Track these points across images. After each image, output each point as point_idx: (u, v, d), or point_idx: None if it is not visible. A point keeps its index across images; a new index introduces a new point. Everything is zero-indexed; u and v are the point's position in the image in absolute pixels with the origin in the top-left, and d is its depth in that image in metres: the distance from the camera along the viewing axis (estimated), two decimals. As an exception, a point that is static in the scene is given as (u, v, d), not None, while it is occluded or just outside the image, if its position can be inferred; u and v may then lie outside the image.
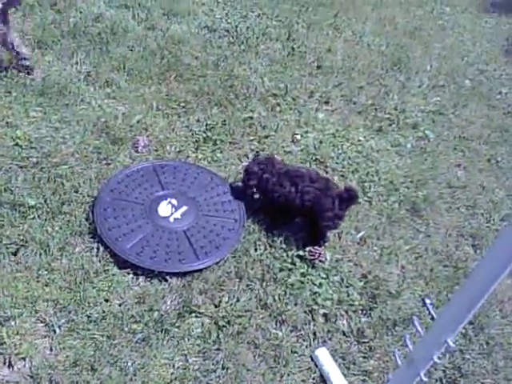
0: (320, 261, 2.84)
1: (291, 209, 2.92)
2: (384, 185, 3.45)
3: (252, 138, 3.56)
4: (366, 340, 2.54)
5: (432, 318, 1.72)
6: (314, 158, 3.53)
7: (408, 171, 3.60)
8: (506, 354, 2.62)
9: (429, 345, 1.75)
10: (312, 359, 2.43)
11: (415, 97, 4.32)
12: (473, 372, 2.51)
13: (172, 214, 2.87)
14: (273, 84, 4.03)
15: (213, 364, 2.33)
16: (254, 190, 3.04)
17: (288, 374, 2.36)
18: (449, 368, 2.50)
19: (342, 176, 3.46)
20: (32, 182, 2.92)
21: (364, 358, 2.48)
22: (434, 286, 2.81)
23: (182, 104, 3.66)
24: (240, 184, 3.12)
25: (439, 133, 4.02)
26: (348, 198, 2.85)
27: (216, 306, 2.55)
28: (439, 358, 1.75)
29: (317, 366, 2.41)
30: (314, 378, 2.38)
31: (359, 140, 3.76)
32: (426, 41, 5.11)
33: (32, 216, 2.75)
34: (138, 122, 3.44)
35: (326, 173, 3.43)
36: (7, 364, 2.20)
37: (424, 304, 1.77)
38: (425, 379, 1.81)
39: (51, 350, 2.27)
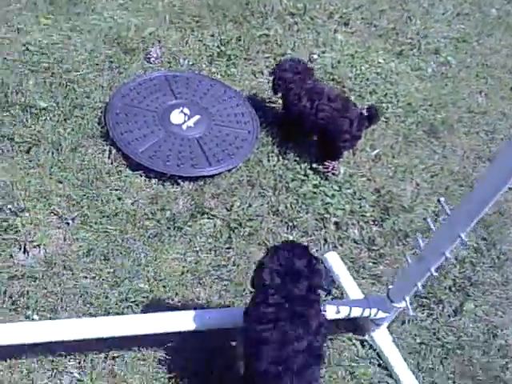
0: (333, 174, 2.81)
1: (306, 125, 2.86)
2: (402, 106, 3.37)
3: (268, 55, 3.47)
4: (376, 248, 2.54)
5: (445, 214, 1.70)
6: (331, 77, 3.44)
7: (427, 95, 3.50)
8: (516, 268, 2.61)
9: (441, 240, 1.75)
10: (322, 262, 2.43)
11: (438, 23, 4.16)
12: (482, 282, 2.51)
13: (185, 122, 2.84)
14: (291, 3, 3.89)
15: (224, 260, 2.35)
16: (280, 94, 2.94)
17: (298, 275, 2.37)
18: (459, 277, 2.50)
19: (360, 96, 3.37)
20: (43, 85, 2.88)
21: (374, 263, 2.48)
22: (448, 204, 2.78)
23: (196, 18, 3.56)
24: (256, 98, 3.07)
25: (461, 59, 3.88)
26: (368, 116, 2.78)
27: (228, 210, 2.55)
28: (450, 255, 1.74)
29: (326, 269, 2.41)
30: (323, 280, 2.38)
31: (379, 62, 3.65)
32: (452, -32, 4.89)
33: (44, 118, 2.73)
34: (150, 34, 3.35)
35: (344, 93, 3.36)
36: (22, 250, 2.23)
37: (439, 202, 1.74)
38: (435, 274, 1.81)
39: (65, 240, 2.29)
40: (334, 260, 2.41)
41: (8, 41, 3.09)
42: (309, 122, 2.82)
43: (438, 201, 1.80)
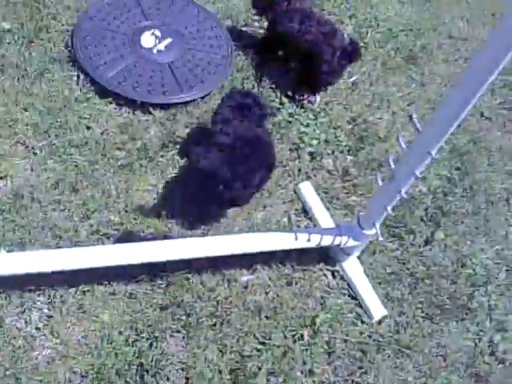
0: (309, 101, 2.75)
1: (289, 47, 2.74)
2: (382, 32, 3.26)
3: (244, -28, 3.28)
4: (350, 178, 2.53)
5: (416, 131, 1.67)
6: (309, -1, 3.29)
7: (408, 19, 3.39)
8: (487, 198, 2.64)
9: (411, 159, 1.73)
10: (295, 192, 2.43)
11: None
12: (454, 212, 2.54)
13: (156, 45, 2.71)
14: None
15: (196, 191, 2.32)
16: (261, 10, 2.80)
17: (271, 205, 2.37)
18: (431, 207, 2.53)
19: (339, 20, 3.25)
20: (7, 5, 2.70)
21: (347, 193, 2.48)
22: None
23: None
24: (228, 21, 2.93)
25: (444, -18, 3.74)
26: (351, 51, 2.64)
27: (201, 139, 2.50)
28: (420, 174, 1.74)
29: (300, 199, 2.42)
30: (296, 210, 2.39)
31: (359, -16, 3.50)
32: None
33: (8, 41, 2.58)
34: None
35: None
36: (-12, 182, 2.17)
37: (410, 118, 1.71)
38: (405, 196, 1.82)
39: (32, 170, 2.23)
40: (307, 190, 2.40)
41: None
42: (293, 43, 2.68)
43: (410, 117, 1.77)
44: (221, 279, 2.10)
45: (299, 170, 2.52)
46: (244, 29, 3.01)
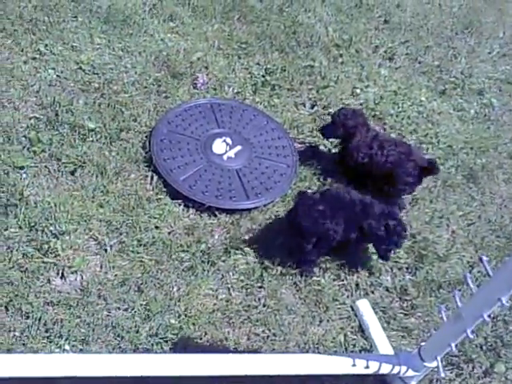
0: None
1: (371, 169, 2.83)
2: (442, 148, 3.35)
3: (311, 86, 3.49)
4: (408, 298, 2.52)
5: (487, 275, 1.68)
6: (372, 113, 3.44)
7: (469, 137, 3.47)
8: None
9: (480, 301, 1.73)
10: (352, 309, 2.43)
11: (484, 63, 4.12)
12: (515, 342, 2.47)
13: (226, 152, 2.87)
14: (337, 35, 3.91)
15: (255, 300, 2.36)
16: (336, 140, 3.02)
17: (327, 320, 2.37)
18: (490, 336, 2.46)
19: (400, 135, 3.37)
20: (93, 106, 2.95)
21: (405, 314, 2.46)
22: (484, 255, 2.74)
23: (244, 45, 3.61)
24: (294, 131, 3.09)
25: (505, 102, 3.84)
26: (429, 169, 2.79)
27: (262, 246, 2.56)
28: (489, 317, 1.72)
29: (356, 316, 2.41)
30: (352, 327, 2.38)
31: (421, 100, 3.64)
32: (502, 7, 4.83)
33: (91, 139, 2.80)
34: (198, 59, 3.41)
35: (384, 130, 3.35)
36: (60, 275, 2.27)
37: (481, 260, 1.72)
38: (471, 336, 1.79)
39: (101, 267, 2.33)
40: (365, 308, 2.40)
41: (62, 58, 3.17)
42: (377, 168, 2.82)
43: (480, 259, 1.78)
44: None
45: (357, 285, 2.53)
46: (308, 139, 3.16)
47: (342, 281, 2.52)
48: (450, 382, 2.26)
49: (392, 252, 2.54)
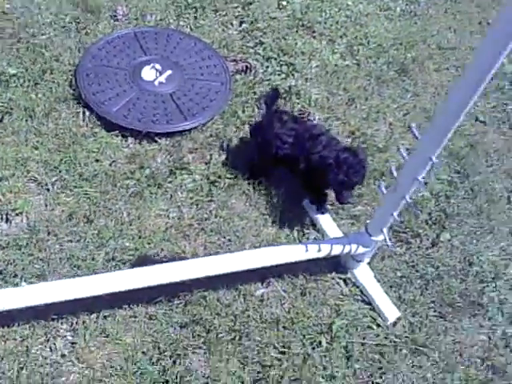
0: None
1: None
2: (373, 48, 3.38)
3: (236, 4, 3.42)
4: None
5: (415, 138, 1.75)
6: (300, 23, 3.42)
7: (397, 34, 3.51)
8: (489, 198, 2.70)
9: (413, 165, 1.80)
10: (303, 207, 2.50)
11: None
12: (457, 213, 2.60)
13: (156, 78, 2.83)
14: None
15: (206, 213, 2.39)
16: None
17: (280, 221, 2.43)
18: (434, 211, 2.59)
19: (330, 40, 3.37)
20: (10, 52, 2.84)
21: (352, 204, 2.54)
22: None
23: (160, -29, 3.48)
24: (224, 50, 3.07)
25: (430, -4, 3.87)
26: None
27: (206, 163, 2.58)
28: (423, 178, 1.81)
29: (307, 213, 2.48)
30: (304, 224, 2.45)
31: (347, 4, 3.64)
32: None
33: (14, 84, 2.71)
34: (114, -9, 3.29)
35: (314, 38, 3.36)
36: (4, 219, 2.24)
37: (409, 128, 1.79)
38: (409, 200, 1.88)
39: (46, 206, 2.31)
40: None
41: (-33, 8, 3.02)
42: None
43: (409, 127, 1.84)
44: (237, 294, 2.16)
45: (304, 185, 2.58)
46: (240, 56, 3.13)
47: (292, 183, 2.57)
48: (401, 256, 2.39)
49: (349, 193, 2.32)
